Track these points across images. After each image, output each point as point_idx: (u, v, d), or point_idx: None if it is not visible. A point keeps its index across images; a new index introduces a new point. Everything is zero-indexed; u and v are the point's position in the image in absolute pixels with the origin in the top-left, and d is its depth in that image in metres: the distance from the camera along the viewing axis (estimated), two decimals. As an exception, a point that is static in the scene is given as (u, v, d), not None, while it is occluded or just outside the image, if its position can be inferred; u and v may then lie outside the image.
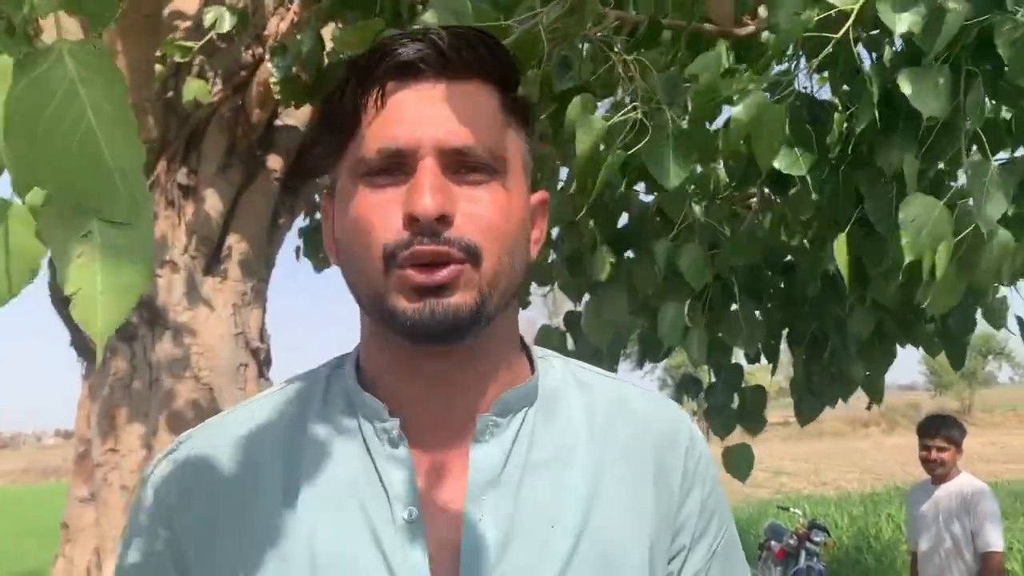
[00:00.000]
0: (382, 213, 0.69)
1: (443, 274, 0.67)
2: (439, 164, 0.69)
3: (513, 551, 0.69)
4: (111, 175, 0.46)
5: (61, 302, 3.33)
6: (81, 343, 3.41)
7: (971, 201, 1.39)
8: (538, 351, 0.83)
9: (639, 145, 1.63)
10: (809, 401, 2.60)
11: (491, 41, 0.72)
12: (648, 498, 0.76)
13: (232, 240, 3.51)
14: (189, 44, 2.82)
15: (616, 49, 1.80)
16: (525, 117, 0.76)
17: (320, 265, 6.78)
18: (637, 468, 0.77)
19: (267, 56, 3.12)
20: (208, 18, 2.97)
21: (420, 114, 0.69)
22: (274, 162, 3.64)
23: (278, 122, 3.66)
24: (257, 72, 3.32)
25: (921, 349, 2.61)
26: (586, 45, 1.84)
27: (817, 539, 8.49)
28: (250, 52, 3.36)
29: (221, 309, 3.42)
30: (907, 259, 1.37)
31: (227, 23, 2.98)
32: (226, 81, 3.34)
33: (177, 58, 3.09)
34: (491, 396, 0.75)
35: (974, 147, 1.54)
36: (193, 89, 3.15)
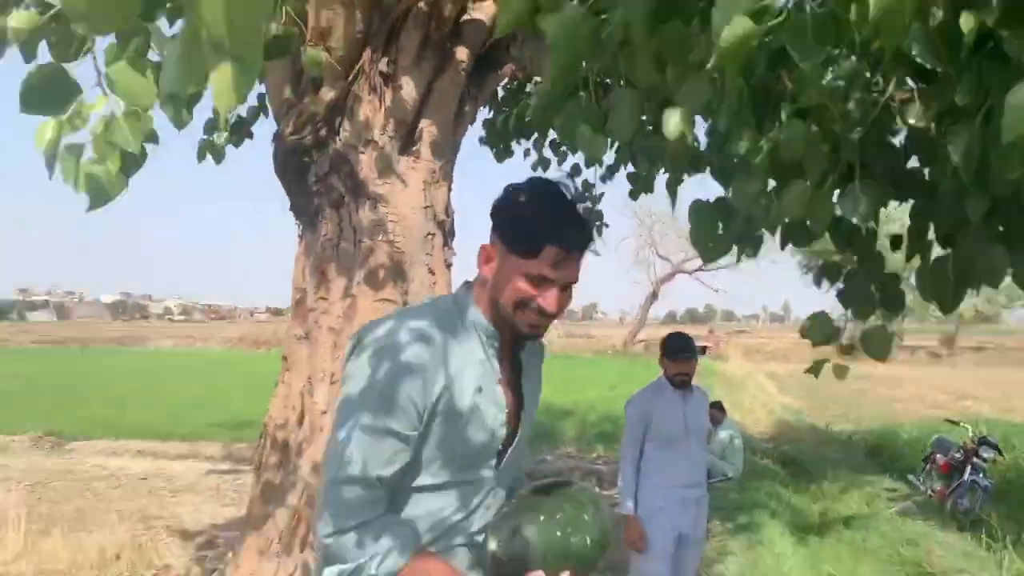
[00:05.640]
0: (526, 291, 1.63)
1: (543, 331, 1.73)
2: (560, 288, 1.65)
3: (528, 397, 1.84)
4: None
5: (283, 169, 3.94)
6: (299, 207, 4.02)
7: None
8: None
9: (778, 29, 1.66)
10: (941, 287, 2.64)
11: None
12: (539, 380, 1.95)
13: (424, 124, 3.97)
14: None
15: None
16: None
17: (501, 156, 7.20)
18: (539, 372, 1.95)
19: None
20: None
21: (566, 267, 1.64)
22: (462, 54, 4.03)
23: (466, 17, 4.03)
24: (450, -30, 3.68)
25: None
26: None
27: (986, 455, 8.23)
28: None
29: (413, 185, 3.92)
30: (1006, 139, 1.38)
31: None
32: (423, -21, 3.72)
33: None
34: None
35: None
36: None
